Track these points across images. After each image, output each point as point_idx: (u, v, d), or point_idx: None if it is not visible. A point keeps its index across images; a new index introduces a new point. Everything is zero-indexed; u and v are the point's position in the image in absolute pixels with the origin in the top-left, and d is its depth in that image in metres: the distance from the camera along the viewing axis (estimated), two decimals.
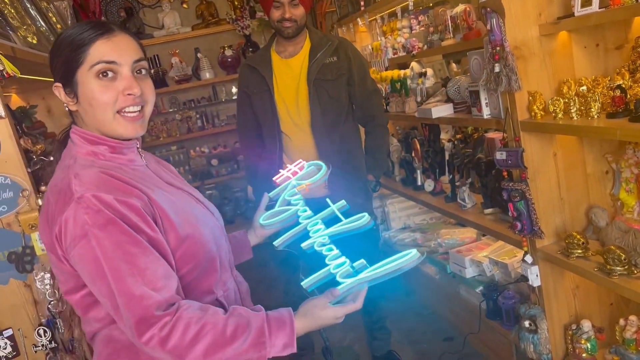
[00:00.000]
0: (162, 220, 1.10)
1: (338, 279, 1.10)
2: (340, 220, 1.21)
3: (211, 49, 5.18)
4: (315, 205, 1.32)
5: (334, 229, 1.20)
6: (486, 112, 2.19)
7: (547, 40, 1.90)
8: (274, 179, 1.43)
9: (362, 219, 1.18)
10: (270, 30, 5.07)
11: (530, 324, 2.08)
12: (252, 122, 2.64)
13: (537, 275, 2.05)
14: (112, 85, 1.10)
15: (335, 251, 1.15)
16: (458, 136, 3.05)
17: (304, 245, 1.22)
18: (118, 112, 1.11)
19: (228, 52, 5.05)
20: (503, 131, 2.03)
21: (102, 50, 1.09)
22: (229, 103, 5.29)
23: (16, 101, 3.27)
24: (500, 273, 2.61)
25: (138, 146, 1.22)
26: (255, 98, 2.56)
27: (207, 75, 5.10)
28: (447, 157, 2.97)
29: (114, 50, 1.10)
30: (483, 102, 2.17)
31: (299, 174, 1.40)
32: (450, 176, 2.86)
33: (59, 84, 1.14)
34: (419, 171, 3.22)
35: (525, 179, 1.96)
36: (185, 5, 5.15)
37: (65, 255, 1.07)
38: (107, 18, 4.98)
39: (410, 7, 2.69)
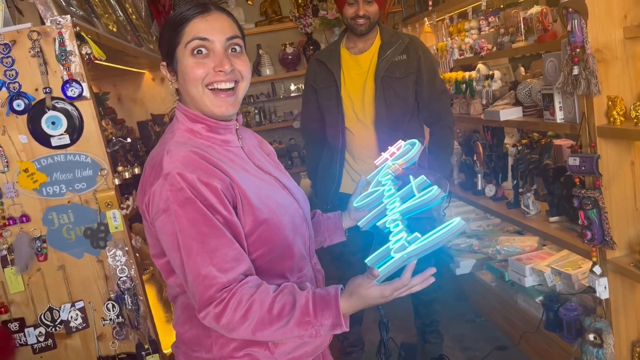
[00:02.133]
0: (242, 203, 1.13)
1: (392, 253, 1.06)
2: (414, 196, 1.15)
3: (272, 45, 5.25)
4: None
5: (406, 205, 1.16)
6: (560, 116, 2.12)
7: (631, 44, 1.83)
8: (375, 162, 1.40)
9: (431, 192, 1.11)
10: (331, 29, 5.13)
11: (595, 338, 2.00)
12: (316, 117, 2.66)
13: (605, 288, 1.97)
14: (204, 62, 1.14)
15: (400, 227, 1.11)
16: (523, 141, 2.97)
17: (379, 223, 1.20)
18: (208, 86, 1.15)
19: (289, 50, 5.10)
20: (577, 136, 1.96)
21: (197, 27, 1.13)
22: (286, 100, 5.35)
23: None
24: (562, 284, 2.52)
25: (237, 127, 1.25)
26: (322, 93, 2.58)
27: (267, 71, 5.17)
28: (510, 162, 2.90)
29: (207, 28, 1.13)
30: (557, 105, 2.11)
31: (396, 154, 1.36)
32: (514, 182, 2.79)
33: (164, 63, 1.20)
34: (479, 175, 3.16)
35: (599, 187, 1.89)
36: (250, 2, 5.24)
37: (151, 224, 1.13)
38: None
39: (483, 7, 2.64)
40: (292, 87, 5.27)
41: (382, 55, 2.45)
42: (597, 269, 1.99)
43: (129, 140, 1.90)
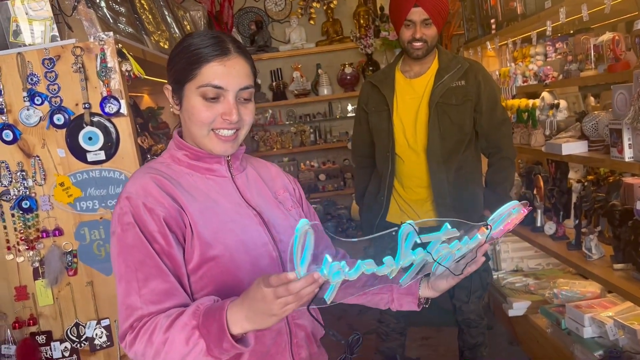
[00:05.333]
0: (192, 235, 1.09)
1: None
2: None
3: (332, 65, 5.21)
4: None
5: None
6: (628, 155, 1.92)
7: None
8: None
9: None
10: (392, 50, 5.03)
11: None
12: (367, 141, 2.57)
13: None
14: (213, 107, 1.11)
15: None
16: (589, 177, 2.75)
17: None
18: (212, 129, 1.13)
19: (348, 70, 5.06)
20: None
21: (214, 72, 1.09)
22: (342, 120, 5.29)
23: (147, 102, 3.49)
24: (626, 339, 2.27)
25: (228, 158, 1.20)
26: (373, 117, 2.48)
27: (325, 91, 5.14)
28: (574, 199, 2.67)
29: (224, 75, 1.09)
30: (626, 142, 1.91)
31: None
32: (576, 221, 2.56)
33: (169, 87, 1.17)
34: (539, 211, 2.95)
35: None
36: (312, 22, 5.24)
37: None
38: (238, 30, 5.20)
39: (548, 32, 2.47)
40: (349, 108, 5.20)
41: (438, 80, 2.33)
42: None
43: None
